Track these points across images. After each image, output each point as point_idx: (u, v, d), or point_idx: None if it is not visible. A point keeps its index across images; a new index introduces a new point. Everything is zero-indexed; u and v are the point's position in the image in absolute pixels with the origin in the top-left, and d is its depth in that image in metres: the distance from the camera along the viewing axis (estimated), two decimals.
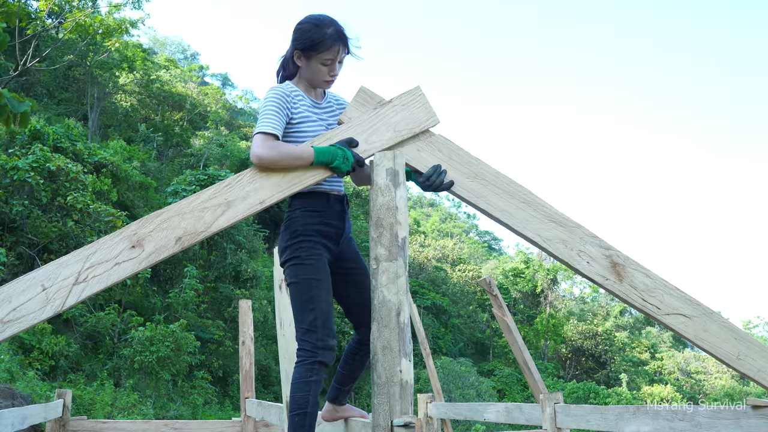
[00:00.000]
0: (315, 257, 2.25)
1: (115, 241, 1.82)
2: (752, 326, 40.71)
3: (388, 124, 2.14)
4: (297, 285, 2.25)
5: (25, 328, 1.70)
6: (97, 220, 13.29)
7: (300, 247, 2.26)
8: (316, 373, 2.18)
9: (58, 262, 1.77)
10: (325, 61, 2.25)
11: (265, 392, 16.88)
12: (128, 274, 1.81)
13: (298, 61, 2.30)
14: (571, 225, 2.12)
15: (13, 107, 1.79)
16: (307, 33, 2.24)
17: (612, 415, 3.52)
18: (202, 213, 1.91)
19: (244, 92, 52.87)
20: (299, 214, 2.29)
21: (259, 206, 1.97)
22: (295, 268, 2.26)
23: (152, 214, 1.88)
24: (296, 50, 2.27)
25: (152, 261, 1.84)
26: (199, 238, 1.90)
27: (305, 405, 2.16)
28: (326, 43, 2.22)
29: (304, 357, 2.19)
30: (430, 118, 2.17)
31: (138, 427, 5.25)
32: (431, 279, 31.81)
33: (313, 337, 2.18)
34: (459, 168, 2.15)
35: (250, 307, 5.45)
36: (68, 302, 1.73)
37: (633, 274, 2.08)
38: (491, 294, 4.97)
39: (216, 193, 1.95)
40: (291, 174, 2.02)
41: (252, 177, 2.00)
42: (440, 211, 61.18)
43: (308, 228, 2.27)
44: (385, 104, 2.16)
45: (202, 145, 28.62)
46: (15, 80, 19.21)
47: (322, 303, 2.21)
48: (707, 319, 2.06)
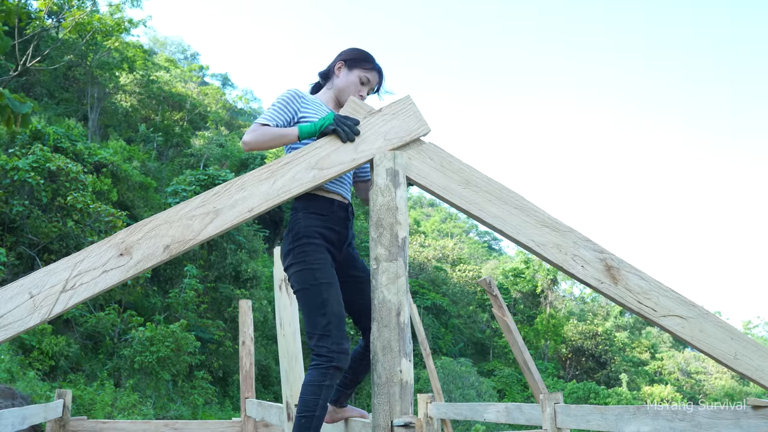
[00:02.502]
0: (321, 261, 2.24)
1: (103, 249, 1.82)
2: (752, 326, 40.73)
3: (377, 132, 2.14)
4: (306, 291, 2.22)
5: (11, 336, 1.69)
6: (97, 220, 13.29)
7: (304, 251, 2.24)
8: (330, 377, 2.17)
9: (46, 270, 1.76)
10: (362, 77, 2.42)
11: (265, 392, 16.88)
12: (116, 282, 1.80)
13: (338, 72, 2.45)
14: (564, 229, 2.12)
15: (14, 108, 1.79)
16: (357, 50, 2.47)
17: (612, 415, 3.52)
18: (191, 221, 1.91)
19: (244, 92, 52.93)
20: (302, 216, 2.29)
21: (248, 214, 1.97)
22: (302, 274, 2.23)
23: (140, 222, 1.88)
24: (341, 61, 2.45)
25: (140, 269, 1.83)
26: (188, 246, 1.89)
27: (314, 408, 2.16)
28: (371, 63, 2.44)
29: (319, 362, 2.18)
30: (421, 126, 2.17)
31: (138, 428, 5.24)
32: (431, 279, 31.81)
33: (328, 342, 2.17)
34: (450, 175, 2.14)
35: (250, 307, 5.44)
36: (55, 310, 1.73)
37: (628, 276, 2.07)
38: (491, 294, 4.97)
39: (205, 201, 1.94)
40: (280, 182, 2.02)
41: (241, 185, 1.99)
42: (440, 211, 61.18)
43: (311, 230, 2.27)
44: (375, 113, 2.16)
45: (202, 145, 28.63)
46: (15, 80, 19.21)
47: (334, 306, 2.20)
48: (703, 320, 2.06)
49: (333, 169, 2.08)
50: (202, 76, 41.23)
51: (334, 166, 2.08)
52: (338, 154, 2.09)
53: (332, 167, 2.08)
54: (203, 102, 33.31)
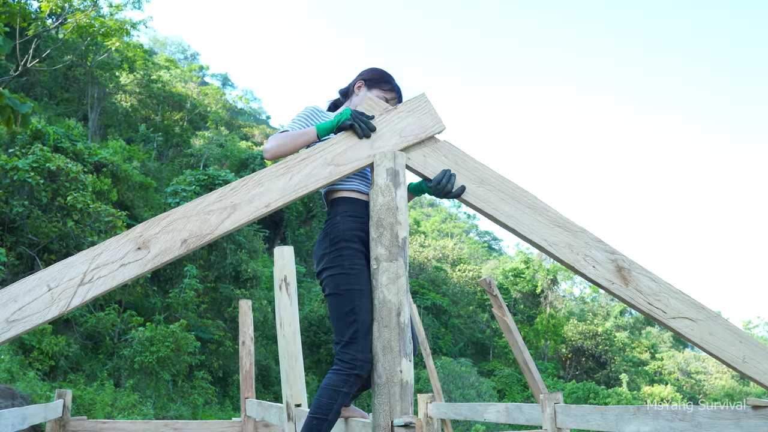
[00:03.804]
0: (358, 267, 2.22)
1: (121, 243, 1.82)
2: (752, 326, 40.71)
3: (393, 129, 2.15)
4: (338, 296, 2.21)
5: (30, 328, 1.70)
6: (97, 220, 13.28)
7: (341, 255, 2.23)
8: (349, 385, 2.16)
9: (65, 263, 1.77)
10: (381, 97, 2.48)
11: (265, 392, 16.87)
12: (134, 276, 1.81)
13: (358, 90, 2.52)
14: (576, 229, 2.13)
15: (15, 108, 1.80)
16: (377, 70, 2.54)
17: (612, 415, 3.52)
18: (208, 216, 1.91)
19: (244, 92, 52.96)
20: (340, 220, 2.29)
21: (264, 209, 1.97)
22: (336, 278, 2.22)
23: (158, 217, 1.88)
24: (361, 80, 2.53)
25: (158, 263, 1.84)
26: (205, 240, 1.89)
27: (328, 412, 2.16)
28: (390, 84, 2.51)
29: (341, 367, 2.16)
30: (436, 124, 2.18)
31: (138, 428, 5.24)
32: (431, 279, 31.80)
33: (353, 349, 2.14)
34: (465, 174, 2.16)
35: (250, 307, 5.44)
36: (73, 302, 1.73)
37: (638, 278, 2.08)
38: (491, 294, 4.97)
39: (222, 196, 1.95)
40: (296, 178, 2.02)
41: (258, 180, 2.00)
42: (440, 212, 61.17)
43: (349, 233, 2.26)
44: (390, 111, 2.18)
45: (202, 145, 28.63)
46: (15, 80, 19.21)
47: (363, 314, 2.16)
48: (712, 323, 2.06)
49: (349, 165, 2.08)
50: (202, 76, 41.22)
51: (351, 162, 2.09)
52: (354, 151, 2.10)
53: (348, 163, 2.08)
54: (203, 102, 33.30)
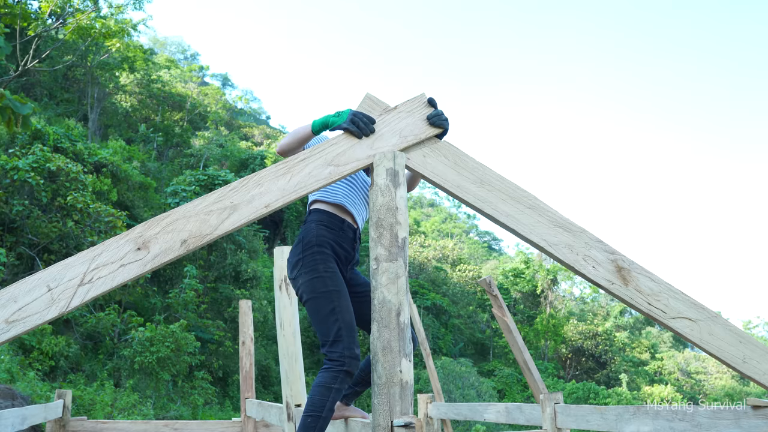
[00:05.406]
0: (332, 270, 2.28)
1: (120, 243, 1.82)
2: (752, 326, 40.69)
3: (393, 129, 2.15)
4: (317, 299, 2.26)
5: (29, 328, 1.69)
6: (97, 220, 13.28)
7: (315, 259, 2.29)
8: (340, 381, 2.21)
9: (64, 263, 1.77)
10: None
11: (265, 392, 16.87)
12: (133, 276, 1.81)
13: None
14: (576, 230, 2.13)
15: (15, 109, 1.80)
16: None
17: (612, 415, 3.52)
18: (208, 216, 1.92)
19: (244, 92, 52.98)
20: (314, 227, 2.36)
21: (264, 210, 1.98)
22: (313, 282, 2.27)
23: (158, 217, 1.88)
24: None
25: (157, 263, 1.84)
26: (205, 240, 1.90)
27: (321, 409, 2.19)
28: None
29: (331, 366, 2.22)
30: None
31: (138, 428, 5.24)
32: (431, 279, 31.78)
33: (340, 347, 2.21)
34: (465, 174, 2.16)
35: (250, 308, 5.44)
36: (73, 303, 1.73)
37: (638, 278, 2.08)
38: (491, 294, 4.97)
39: (222, 196, 1.96)
40: (296, 178, 2.03)
41: (258, 181, 2.00)
42: (440, 212, 61.15)
43: (322, 239, 2.32)
44: (390, 111, 2.18)
45: (202, 145, 28.63)
46: (15, 81, 19.21)
47: (344, 313, 2.23)
48: (712, 323, 2.06)
49: (349, 166, 2.09)
50: (202, 76, 41.22)
51: (350, 162, 2.09)
52: (354, 151, 2.10)
53: (348, 164, 2.09)
54: (203, 102, 33.28)
